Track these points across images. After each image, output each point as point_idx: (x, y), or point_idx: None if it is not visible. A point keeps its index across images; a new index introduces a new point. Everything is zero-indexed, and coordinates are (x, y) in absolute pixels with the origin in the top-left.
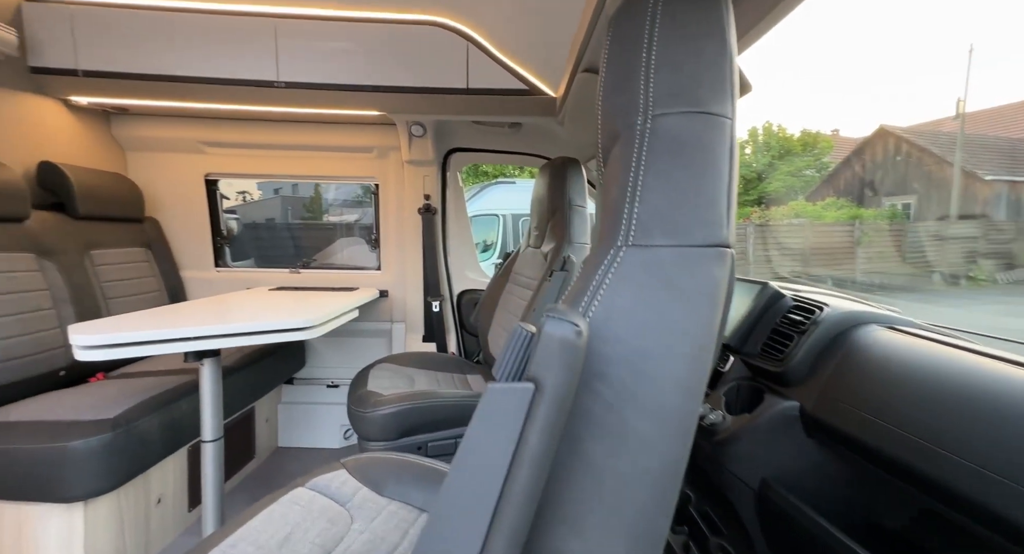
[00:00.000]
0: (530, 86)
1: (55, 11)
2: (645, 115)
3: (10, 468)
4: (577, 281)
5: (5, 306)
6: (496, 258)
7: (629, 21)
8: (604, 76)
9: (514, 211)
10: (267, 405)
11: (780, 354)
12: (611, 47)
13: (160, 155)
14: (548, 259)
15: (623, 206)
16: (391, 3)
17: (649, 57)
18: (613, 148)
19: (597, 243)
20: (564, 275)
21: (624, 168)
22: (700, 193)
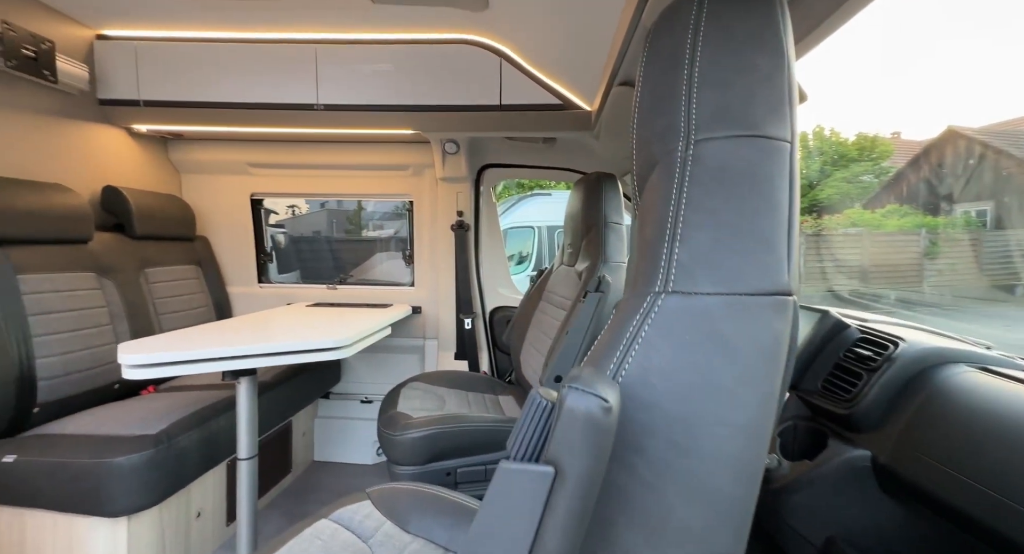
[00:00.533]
0: (564, 101)
1: (121, 47)
2: (686, 140)
3: (63, 480)
4: (607, 331)
5: (67, 322)
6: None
7: (668, 33)
8: (639, 96)
9: (550, 223)
10: (304, 419)
11: (846, 394)
12: (647, 63)
13: (211, 177)
14: (582, 279)
15: (661, 246)
16: (425, 24)
17: (691, 73)
18: (650, 177)
19: (631, 287)
20: (599, 297)
21: (662, 201)
22: (754, 231)
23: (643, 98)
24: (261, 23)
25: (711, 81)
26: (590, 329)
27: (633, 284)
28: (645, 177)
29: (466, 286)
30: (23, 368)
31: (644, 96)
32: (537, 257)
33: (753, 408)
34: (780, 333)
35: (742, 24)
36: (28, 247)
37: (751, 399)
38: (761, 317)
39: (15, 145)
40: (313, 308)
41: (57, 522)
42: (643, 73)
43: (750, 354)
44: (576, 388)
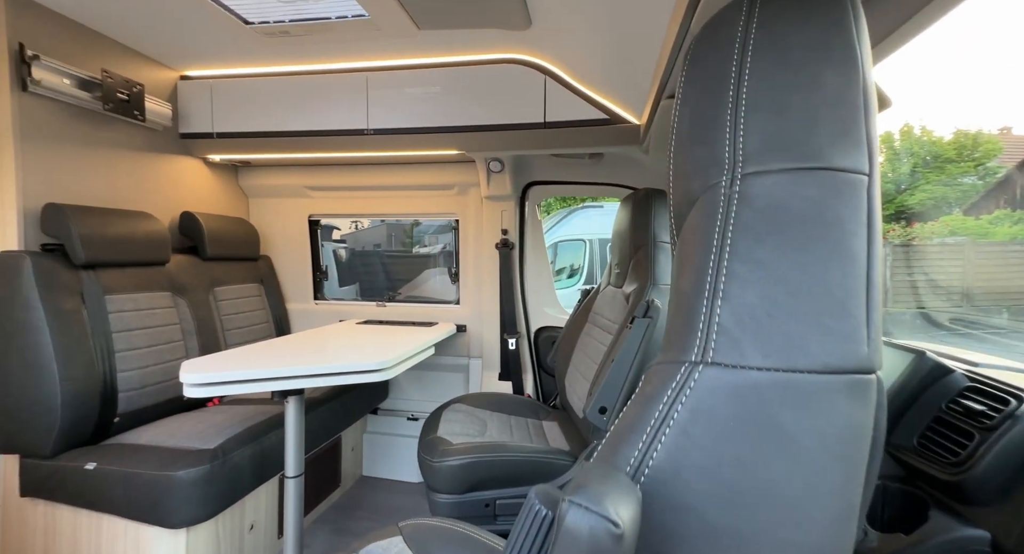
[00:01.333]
0: (611, 115)
1: (199, 85)
2: (731, 174)
3: (133, 490)
4: (633, 405)
5: (145, 339)
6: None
7: (711, 48)
8: (677, 121)
9: (602, 235)
10: (353, 434)
11: (952, 456)
12: (686, 83)
13: (274, 200)
14: (630, 302)
15: (699, 303)
16: (470, 47)
17: (738, 94)
18: (688, 216)
19: (665, 350)
20: (647, 323)
21: (701, 247)
22: (819, 289)
23: (681, 123)
24: (317, 55)
25: (763, 102)
26: (637, 358)
27: (667, 346)
28: (683, 215)
29: (510, 305)
30: (107, 381)
31: (682, 121)
32: (588, 270)
33: (824, 524)
34: (859, 424)
35: (801, 32)
36: (115, 269)
37: (822, 513)
38: (831, 403)
39: (109, 178)
40: (362, 326)
41: (127, 529)
42: (681, 94)
43: (817, 452)
44: (578, 504)
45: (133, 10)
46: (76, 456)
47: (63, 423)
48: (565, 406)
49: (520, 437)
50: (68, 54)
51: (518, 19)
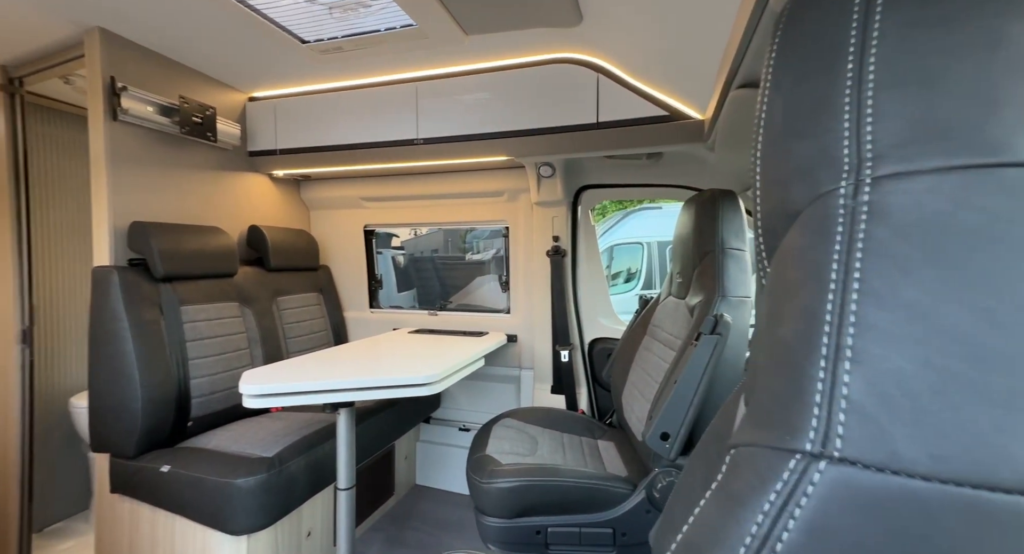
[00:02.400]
0: (671, 111)
1: (264, 105)
2: (855, 176)
3: (199, 494)
4: (712, 507)
5: (215, 347)
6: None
7: (814, 7)
8: (765, 111)
9: (660, 238)
10: (406, 443)
11: None
12: (778, 61)
13: (332, 211)
14: (694, 316)
15: (812, 363)
16: (519, 49)
17: (862, 65)
18: (786, 235)
19: (752, 425)
20: (715, 340)
21: (811, 281)
22: (1009, 349)
23: (771, 114)
24: (369, 69)
25: (902, 74)
26: (703, 380)
27: (759, 418)
28: (776, 233)
29: (562, 315)
30: (181, 387)
31: (773, 111)
32: (647, 275)
33: None
34: None
35: None
36: (189, 282)
37: None
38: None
39: (185, 195)
40: (414, 335)
41: (196, 532)
42: (771, 78)
43: None
44: None
45: (206, 39)
46: (154, 458)
47: (143, 426)
48: (622, 425)
49: (574, 459)
50: (150, 83)
51: (568, 15)
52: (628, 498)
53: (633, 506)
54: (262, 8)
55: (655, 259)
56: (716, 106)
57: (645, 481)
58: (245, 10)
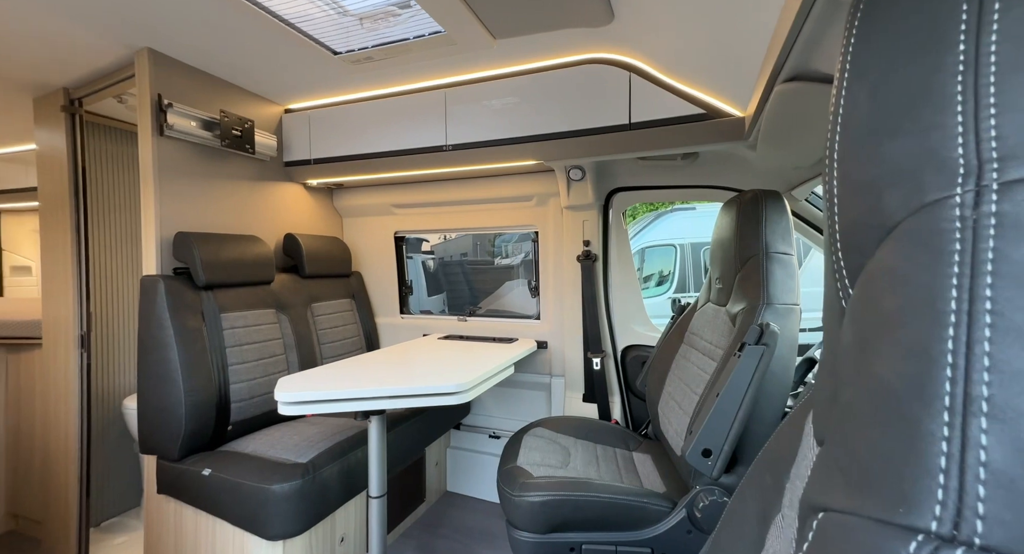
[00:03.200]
0: (708, 109)
1: (299, 117)
2: (976, 181)
3: (238, 498)
4: None
5: (253, 353)
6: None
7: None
8: (844, 105)
9: (694, 240)
10: (437, 449)
11: None
12: (860, 45)
13: (364, 219)
14: (737, 324)
15: (932, 416)
16: (548, 51)
17: (977, 44)
18: (878, 251)
19: (837, 485)
20: (760, 352)
21: (920, 310)
22: None
23: (853, 107)
24: (399, 77)
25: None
26: (748, 394)
27: (852, 475)
28: (860, 249)
29: (594, 322)
30: (222, 392)
31: (855, 104)
32: (680, 277)
33: None
34: None
35: None
36: (229, 289)
37: None
38: None
39: (225, 205)
40: (444, 341)
41: (235, 536)
42: (851, 65)
43: None
44: None
45: (244, 54)
46: (197, 461)
47: (187, 430)
48: (658, 437)
49: (608, 472)
50: (193, 99)
51: (599, 15)
52: (667, 516)
53: (673, 525)
54: (296, 22)
55: (688, 261)
56: (759, 102)
57: (686, 499)
58: (281, 25)
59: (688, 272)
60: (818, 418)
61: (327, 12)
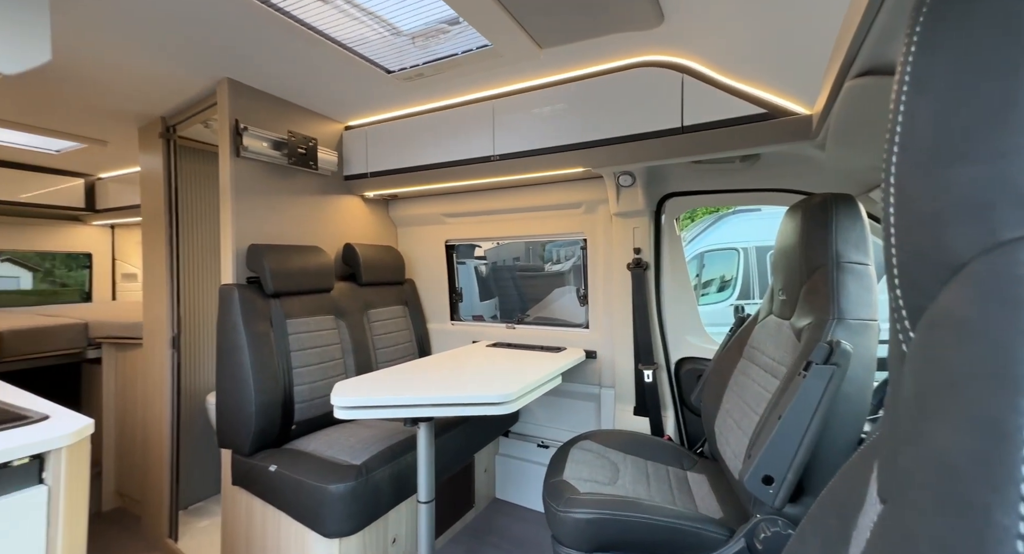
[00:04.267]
0: (770, 108)
1: (358, 133)
2: None
3: (299, 495)
4: None
5: (314, 357)
6: (735, 299)
7: None
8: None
9: (759, 243)
10: (485, 456)
11: None
12: (923, 51)
13: (417, 228)
14: (802, 340)
15: (1002, 512)
16: (596, 57)
17: None
18: (942, 294)
19: None
20: (830, 372)
21: (992, 376)
22: None
23: (914, 125)
24: (448, 91)
25: None
26: (815, 418)
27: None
28: (921, 289)
29: (645, 332)
30: (287, 394)
31: (916, 121)
32: (744, 283)
33: None
34: None
35: None
36: (294, 297)
37: None
38: None
39: (291, 218)
40: (492, 349)
41: (297, 530)
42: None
43: None
44: None
45: (309, 78)
46: (265, 457)
47: (256, 427)
48: (715, 456)
49: (660, 492)
50: (264, 121)
51: (648, 17)
52: (724, 545)
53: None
54: (354, 46)
55: (753, 266)
56: (827, 99)
57: (745, 528)
58: (340, 49)
59: (752, 277)
60: (882, 472)
61: (382, 34)
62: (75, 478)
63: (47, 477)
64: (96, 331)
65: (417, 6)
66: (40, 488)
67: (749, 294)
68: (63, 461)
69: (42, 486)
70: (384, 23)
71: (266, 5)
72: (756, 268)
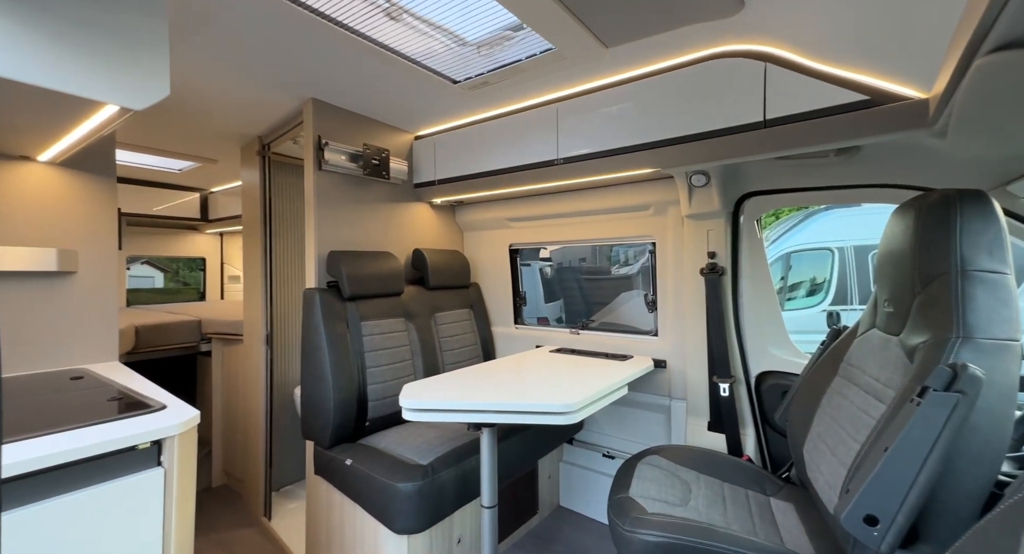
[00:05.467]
0: (875, 94)
1: (427, 142)
2: None
3: (372, 491)
4: None
5: (385, 357)
6: (828, 304)
7: None
8: None
9: (857, 242)
10: (549, 462)
11: None
12: None
13: (482, 232)
14: (916, 361)
15: None
16: (666, 52)
17: None
18: None
19: None
20: (955, 401)
21: None
22: None
23: None
24: (512, 97)
25: None
26: (933, 454)
27: None
28: None
29: (721, 342)
30: (361, 392)
31: None
32: (839, 287)
33: None
34: None
35: None
36: (367, 300)
37: None
38: None
39: (365, 225)
40: (555, 354)
41: (370, 523)
42: None
43: None
44: None
45: (382, 93)
46: (342, 450)
47: (334, 422)
48: (804, 483)
49: (738, 519)
50: (342, 135)
51: (726, 4)
52: None
53: None
54: (422, 60)
55: (852, 269)
56: (950, 80)
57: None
58: (410, 65)
59: (850, 281)
60: None
61: (448, 45)
62: (185, 462)
63: (164, 460)
64: (207, 328)
65: (481, 16)
66: (158, 470)
67: (846, 299)
68: (176, 447)
69: (160, 468)
70: (450, 34)
71: (344, 29)
72: (855, 270)
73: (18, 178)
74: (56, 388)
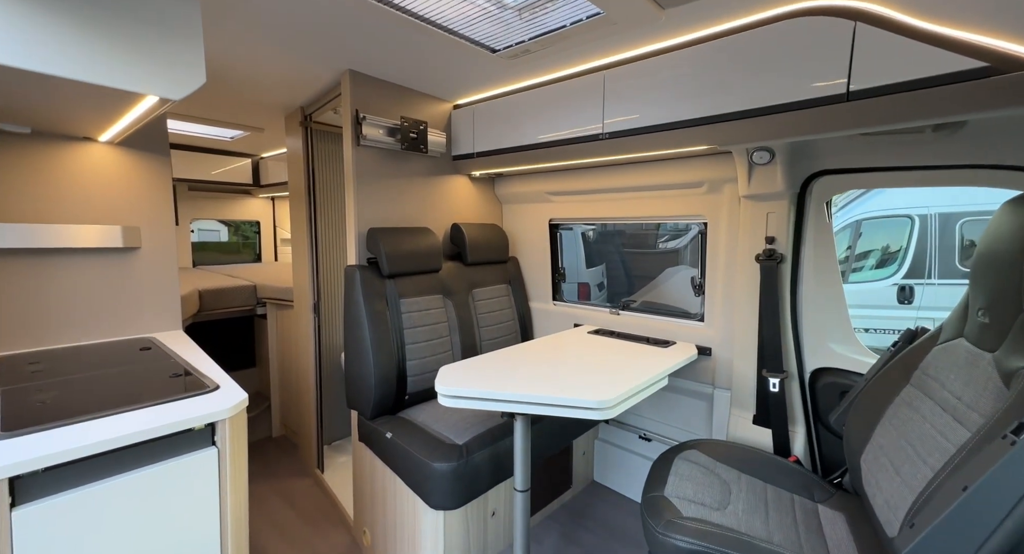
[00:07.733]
0: (994, 59)
1: (465, 112)
2: None
3: (410, 465)
4: None
5: (424, 334)
6: (900, 277)
7: None
8: None
9: (943, 210)
10: (584, 440)
11: None
12: None
13: (522, 206)
14: (1015, 389)
15: None
16: (730, 11)
17: None
18: None
19: None
20: None
21: None
22: None
23: None
24: (555, 64)
25: None
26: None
27: None
28: None
29: (773, 335)
30: (400, 367)
31: None
32: (915, 257)
33: None
34: None
35: None
36: (406, 277)
37: None
38: None
39: (403, 200)
40: (593, 337)
41: (409, 496)
42: None
43: None
44: None
45: (418, 64)
46: (383, 422)
47: (376, 395)
48: (858, 492)
49: (780, 528)
50: (379, 107)
51: None
52: None
53: None
54: (459, 30)
55: (934, 238)
56: None
57: None
58: (447, 35)
59: (931, 251)
60: None
61: (487, 9)
62: (236, 442)
63: (217, 441)
64: (262, 292)
65: None
66: (212, 450)
67: (923, 272)
68: (227, 428)
69: (213, 448)
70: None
71: (380, 2)
72: (939, 241)
73: (83, 157)
74: (128, 359)
